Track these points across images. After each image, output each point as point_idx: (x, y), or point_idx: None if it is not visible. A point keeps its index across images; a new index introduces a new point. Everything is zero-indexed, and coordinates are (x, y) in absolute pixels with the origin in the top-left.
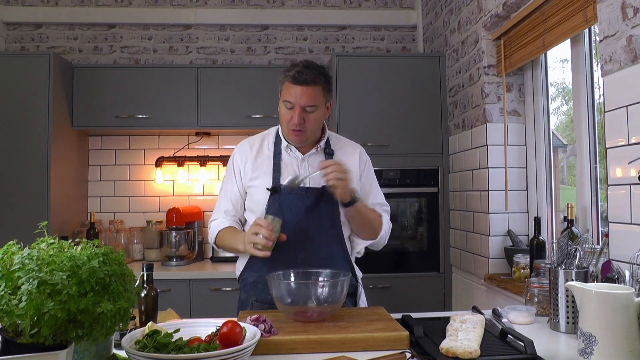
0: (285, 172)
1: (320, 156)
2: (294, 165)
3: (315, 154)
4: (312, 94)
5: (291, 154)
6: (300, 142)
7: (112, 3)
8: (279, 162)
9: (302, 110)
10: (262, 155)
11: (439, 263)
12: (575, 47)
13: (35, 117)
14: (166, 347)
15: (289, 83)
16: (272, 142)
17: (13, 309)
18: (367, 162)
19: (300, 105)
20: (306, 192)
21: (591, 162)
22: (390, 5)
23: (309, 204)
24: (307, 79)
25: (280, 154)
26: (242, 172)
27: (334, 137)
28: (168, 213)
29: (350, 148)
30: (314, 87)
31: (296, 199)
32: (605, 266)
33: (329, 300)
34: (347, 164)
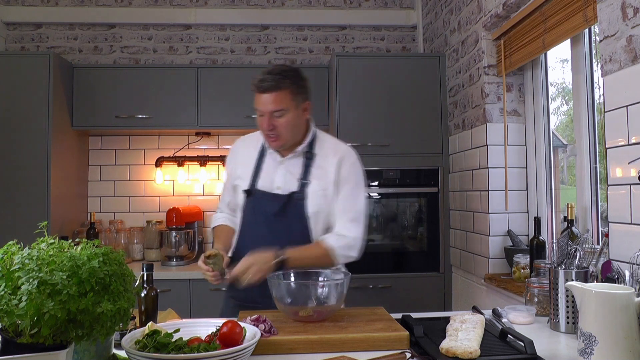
0: (264, 175)
1: (300, 159)
2: (272, 168)
3: (294, 157)
4: (276, 99)
5: (272, 157)
6: (279, 147)
7: (112, 3)
8: (260, 165)
9: (271, 116)
10: (248, 156)
11: (439, 263)
12: (575, 47)
13: (35, 117)
14: (166, 347)
15: (255, 92)
16: (261, 144)
17: (13, 309)
18: (351, 168)
19: (268, 111)
20: (274, 198)
21: (591, 162)
22: (390, 5)
23: (277, 208)
24: (269, 85)
25: (264, 156)
26: (231, 171)
27: (321, 139)
28: (168, 213)
29: (332, 150)
30: (278, 92)
31: (266, 204)
32: (605, 266)
33: (329, 300)
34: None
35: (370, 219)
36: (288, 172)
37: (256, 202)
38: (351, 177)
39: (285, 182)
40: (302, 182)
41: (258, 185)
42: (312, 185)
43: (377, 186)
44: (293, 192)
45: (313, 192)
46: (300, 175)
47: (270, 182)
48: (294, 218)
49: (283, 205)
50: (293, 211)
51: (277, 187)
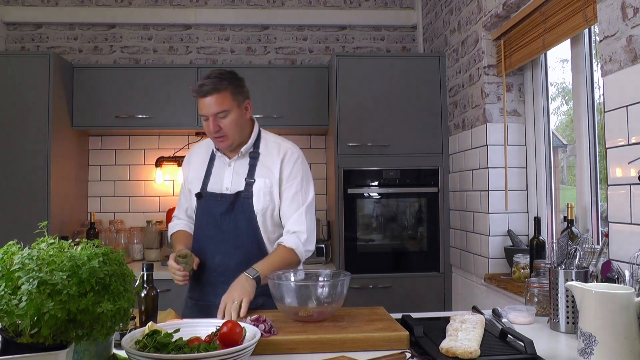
0: (214, 178)
1: (246, 159)
2: (221, 170)
3: (240, 158)
4: (217, 101)
5: (221, 160)
6: (228, 147)
7: (112, 3)
8: (211, 168)
9: (215, 118)
10: (200, 160)
11: (439, 263)
12: (575, 47)
13: (35, 117)
14: (166, 347)
15: (197, 98)
16: (212, 148)
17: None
18: (295, 164)
19: (211, 114)
20: (221, 199)
21: (591, 162)
22: (390, 5)
23: (223, 209)
24: (209, 89)
25: (214, 159)
26: (186, 175)
27: (264, 138)
28: (168, 213)
29: (276, 149)
30: (219, 94)
31: (214, 205)
32: (605, 266)
33: (329, 300)
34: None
35: (370, 219)
36: (235, 173)
37: (206, 204)
38: (297, 173)
39: (233, 182)
40: (248, 181)
41: (208, 188)
42: (257, 183)
43: (377, 186)
44: (239, 192)
45: (258, 190)
46: (246, 174)
47: (219, 184)
48: (241, 216)
49: (230, 205)
50: (240, 210)
51: (226, 188)
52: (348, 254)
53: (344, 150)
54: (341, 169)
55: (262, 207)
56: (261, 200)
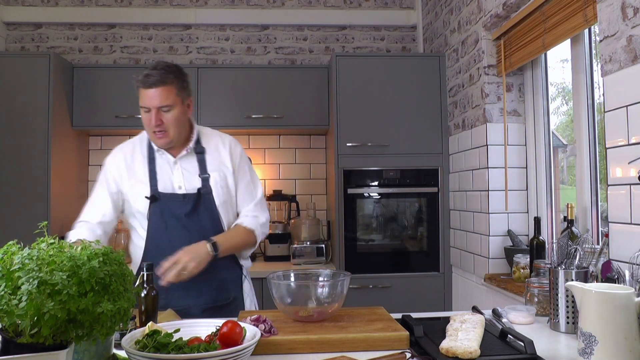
0: (161, 178)
1: (192, 156)
2: (168, 170)
3: (187, 155)
4: (163, 94)
5: (164, 158)
6: (167, 144)
7: (112, 3)
8: (154, 168)
9: (158, 111)
10: (136, 162)
11: (439, 263)
12: (575, 47)
13: (35, 117)
14: (166, 347)
15: (140, 89)
16: (146, 147)
17: (13, 309)
18: (241, 155)
19: (155, 107)
20: (184, 198)
21: (591, 162)
22: (390, 5)
23: (188, 209)
24: (155, 80)
25: (154, 159)
26: (116, 180)
27: (203, 134)
28: None
29: (220, 141)
30: (164, 87)
31: (176, 206)
32: (605, 266)
33: (329, 300)
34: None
35: (370, 219)
36: (185, 171)
37: (164, 206)
38: (244, 162)
39: (185, 181)
40: (203, 177)
41: (160, 189)
42: (212, 178)
43: (377, 186)
44: (199, 189)
45: (215, 184)
46: (198, 171)
47: (169, 184)
48: (205, 213)
49: (194, 204)
50: (203, 207)
51: (179, 187)
52: (348, 254)
53: (344, 150)
54: (341, 169)
55: (222, 201)
56: (220, 193)
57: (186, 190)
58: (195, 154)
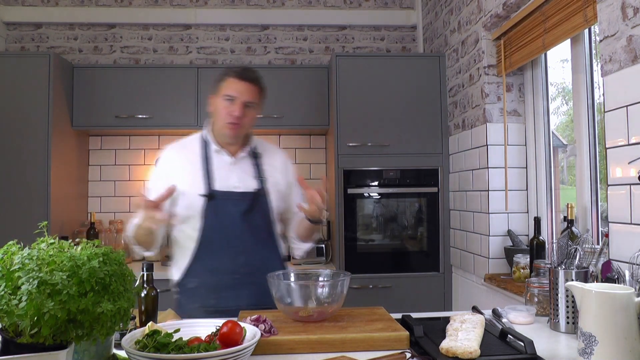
0: (218, 177)
1: (249, 159)
2: (225, 169)
3: (245, 157)
4: (254, 91)
5: (221, 158)
6: (235, 137)
7: (112, 3)
8: (210, 167)
9: (243, 105)
10: (191, 161)
11: (439, 263)
12: (575, 47)
13: (35, 117)
14: (166, 347)
15: (232, 79)
16: (199, 147)
17: (13, 309)
18: (292, 167)
19: (242, 100)
20: (241, 197)
21: (591, 162)
22: (390, 5)
23: (244, 208)
24: (253, 77)
25: (209, 158)
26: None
27: (257, 141)
28: None
29: (275, 153)
30: (256, 86)
31: (232, 204)
32: (605, 266)
33: (329, 300)
34: (276, 169)
35: (370, 219)
36: (242, 172)
37: (219, 205)
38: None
39: (242, 181)
40: (260, 179)
41: (217, 187)
42: (269, 182)
43: (377, 186)
44: (257, 189)
45: (272, 188)
46: (254, 173)
47: (226, 183)
48: (260, 214)
49: (251, 204)
50: (259, 208)
51: (235, 187)
52: (348, 254)
53: (344, 150)
54: (341, 169)
55: (276, 205)
56: (275, 198)
57: (241, 190)
58: (252, 158)
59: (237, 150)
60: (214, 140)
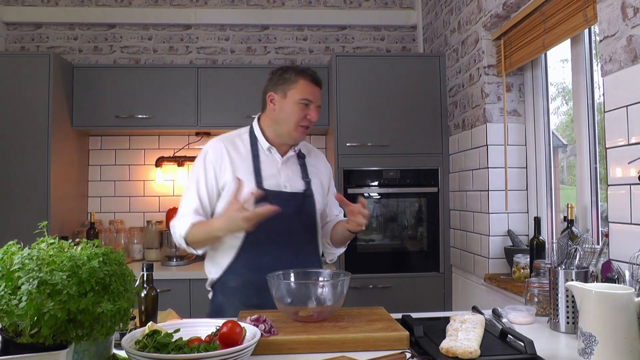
0: (267, 175)
1: (296, 160)
2: (274, 168)
3: (292, 156)
4: (320, 95)
5: (271, 156)
6: (302, 139)
7: (112, 3)
8: (258, 165)
9: (316, 108)
10: (239, 156)
11: (439, 263)
12: (575, 47)
13: (35, 117)
14: (166, 347)
15: (307, 82)
16: (248, 142)
17: (13, 309)
18: (331, 172)
19: (317, 104)
20: (290, 197)
21: (591, 162)
22: (390, 5)
23: (293, 209)
24: (320, 81)
25: (258, 156)
26: (217, 172)
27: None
28: (168, 213)
29: (317, 155)
30: (320, 90)
31: (281, 204)
32: (605, 266)
33: (329, 300)
34: (319, 171)
35: (370, 219)
36: (290, 172)
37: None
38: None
39: (290, 181)
40: (306, 180)
41: (265, 186)
42: (313, 183)
43: (377, 186)
44: (305, 190)
45: (316, 190)
46: (301, 174)
47: (276, 183)
48: (306, 215)
49: (299, 203)
50: (305, 209)
51: (284, 187)
52: (348, 254)
53: (344, 150)
54: (341, 169)
55: (320, 207)
56: (319, 199)
57: (289, 190)
58: (298, 158)
59: (287, 150)
60: (265, 138)
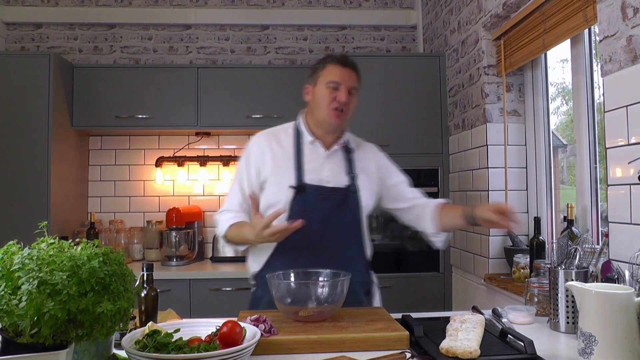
0: (309, 169)
1: (342, 153)
2: (317, 162)
3: (337, 150)
4: (356, 77)
5: (314, 150)
6: (339, 126)
7: (112, 3)
8: (301, 158)
9: (348, 91)
10: (282, 150)
11: (439, 263)
12: (575, 47)
13: (35, 117)
14: (166, 347)
15: (333, 65)
16: (293, 136)
17: (13, 309)
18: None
19: (347, 85)
20: (331, 193)
21: (591, 162)
22: (390, 5)
23: (333, 205)
24: (352, 63)
25: (301, 149)
26: (259, 166)
27: (349, 135)
28: (168, 213)
29: (366, 148)
30: (355, 72)
31: (321, 200)
32: (605, 266)
33: (329, 300)
34: (368, 165)
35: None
36: (335, 166)
37: (309, 199)
38: (390, 163)
39: (334, 175)
40: (352, 175)
41: (307, 180)
42: (360, 178)
43: None
44: (348, 185)
45: (362, 186)
46: (346, 169)
47: (318, 177)
48: (348, 212)
49: (341, 200)
50: (348, 206)
51: (327, 181)
52: None
53: None
54: None
55: (366, 204)
56: (365, 196)
57: (332, 185)
58: (344, 152)
59: (332, 142)
60: (308, 130)
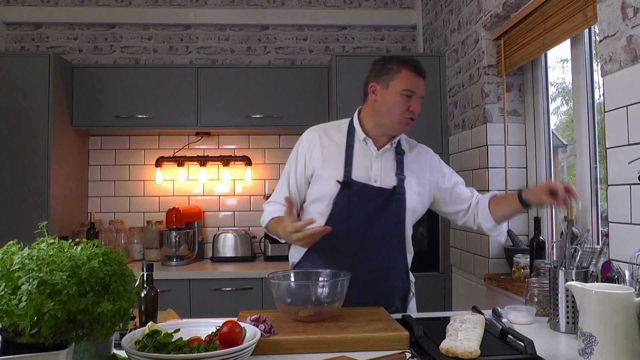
0: (357, 167)
1: (392, 154)
2: (367, 160)
3: (389, 150)
4: (424, 86)
5: (366, 148)
6: (404, 131)
7: (112, 3)
8: (351, 155)
9: (419, 100)
10: (333, 145)
11: (439, 263)
12: (575, 47)
13: (35, 117)
14: (166, 347)
15: (410, 72)
16: (345, 133)
17: (13, 309)
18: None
19: (420, 95)
20: (377, 193)
21: (591, 162)
22: (390, 5)
23: (378, 204)
24: (424, 71)
25: (352, 146)
26: (307, 160)
27: (403, 137)
28: (168, 213)
29: (423, 151)
30: (424, 80)
31: (366, 198)
32: (605, 266)
33: (329, 300)
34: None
35: None
36: (384, 166)
37: (354, 195)
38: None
39: (382, 175)
40: (400, 176)
41: (354, 177)
42: (408, 180)
43: None
44: (395, 186)
45: (410, 188)
46: (395, 169)
47: (366, 175)
48: (392, 213)
49: (386, 200)
50: (393, 206)
51: (374, 181)
52: None
53: None
54: None
55: (412, 206)
56: (412, 198)
57: (381, 185)
58: (395, 153)
59: (384, 143)
60: (363, 129)
